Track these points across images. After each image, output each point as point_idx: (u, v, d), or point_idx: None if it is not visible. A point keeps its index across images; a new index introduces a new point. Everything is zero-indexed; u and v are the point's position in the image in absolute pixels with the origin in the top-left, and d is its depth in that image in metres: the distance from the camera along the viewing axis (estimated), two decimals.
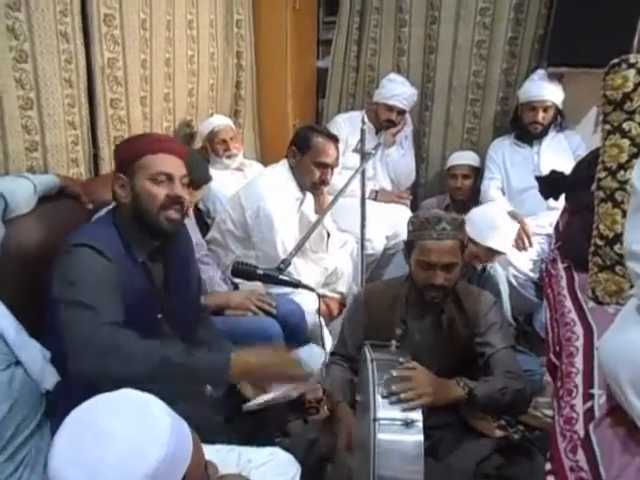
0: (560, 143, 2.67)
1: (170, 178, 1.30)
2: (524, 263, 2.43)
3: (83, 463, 0.68)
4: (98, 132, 2.04)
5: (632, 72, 1.36)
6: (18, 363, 1.18)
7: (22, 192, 1.56)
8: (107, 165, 2.11)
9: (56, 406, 1.20)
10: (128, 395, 0.77)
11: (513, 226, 2.29)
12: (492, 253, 2.09)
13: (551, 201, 2.36)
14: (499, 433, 1.82)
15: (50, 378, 1.23)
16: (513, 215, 2.52)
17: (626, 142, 1.36)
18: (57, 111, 1.81)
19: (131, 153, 1.31)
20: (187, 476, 0.73)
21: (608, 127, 1.41)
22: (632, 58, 1.38)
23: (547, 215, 2.50)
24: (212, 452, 1.06)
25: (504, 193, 2.72)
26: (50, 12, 1.72)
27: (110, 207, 1.44)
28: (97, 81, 1.98)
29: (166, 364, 1.10)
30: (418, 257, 1.47)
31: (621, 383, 0.83)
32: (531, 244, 2.45)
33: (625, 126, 1.37)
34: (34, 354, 1.23)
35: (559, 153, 2.62)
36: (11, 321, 1.23)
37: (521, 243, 2.45)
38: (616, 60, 1.40)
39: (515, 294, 2.43)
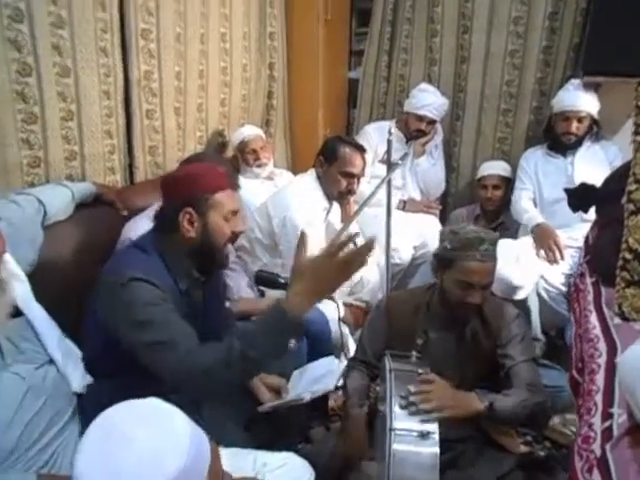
0: (596, 154, 2.60)
1: (235, 214, 1.35)
2: (555, 276, 2.37)
3: (105, 469, 0.70)
4: (134, 142, 2.14)
5: None
6: (52, 362, 1.24)
7: (60, 199, 1.65)
8: (142, 173, 2.20)
9: (85, 405, 1.25)
10: (152, 404, 0.79)
11: (532, 279, 2.29)
12: None
13: (587, 214, 2.30)
14: (524, 449, 1.79)
15: (81, 380, 1.28)
16: (544, 227, 2.48)
17: None
18: (95, 122, 1.91)
19: (202, 190, 1.31)
20: None
21: None
22: None
23: (580, 227, 2.43)
24: (229, 455, 1.09)
25: (536, 204, 2.66)
26: (91, 29, 1.82)
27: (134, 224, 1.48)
28: (133, 93, 2.07)
29: (244, 356, 1.09)
30: (459, 277, 1.45)
31: (638, 399, 0.81)
32: (563, 257, 2.39)
33: None
34: (67, 355, 1.28)
35: (594, 164, 2.55)
36: (47, 322, 1.29)
37: (552, 256, 2.40)
38: None
39: (546, 308, 2.38)
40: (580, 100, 2.51)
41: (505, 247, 2.23)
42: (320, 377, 1.46)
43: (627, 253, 1.35)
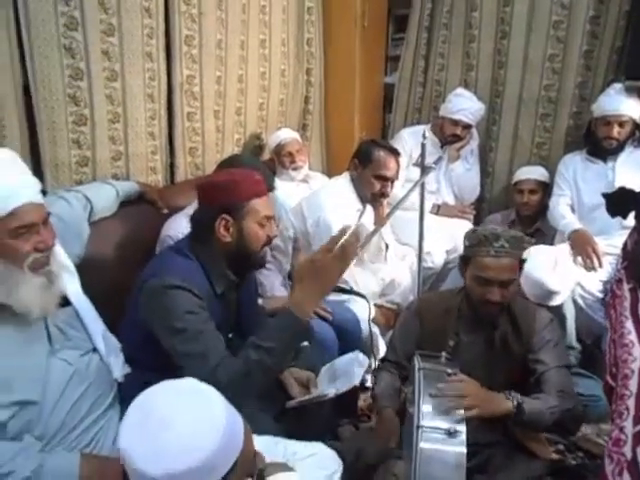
0: (638, 159, 2.54)
1: (270, 219, 1.39)
2: (593, 284, 2.33)
3: (148, 446, 0.75)
4: (175, 143, 2.22)
5: None
6: (95, 350, 1.30)
7: (106, 197, 1.74)
8: (182, 173, 2.28)
9: (124, 392, 1.31)
10: (190, 385, 0.83)
11: (568, 286, 2.23)
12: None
13: (626, 220, 2.25)
14: (554, 456, 1.76)
15: (121, 369, 1.34)
16: (582, 233, 2.43)
17: None
18: (140, 123, 1.99)
19: (239, 197, 1.35)
20: (237, 463, 0.79)
21: None
22: None
23: (620, 234, 2.36)
24: (260, 443, 1.12)
25: (574, 210, 2.62)
26: (138, 35, 1.91)
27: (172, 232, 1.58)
28: (176, 96, 2.16)
29: (261, 365, 1.16)
30: (475, 273, 1.48)
31: None
32: (601, 265, 2.34)
33: None
34: (109, 344, 1.34)
35: (636, 169, 2.49)
36: (92, 313, 1.35)
37: (590, 263, 2.35)
38: None
39: (583, 316, 2.34)
40: (622, 104, 2.46)
41: (542, 252, 2.21)
42: (344, 373, 1.48)
43: None
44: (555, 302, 2.16)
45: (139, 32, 1.92)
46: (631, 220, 2.11)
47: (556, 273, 2.18)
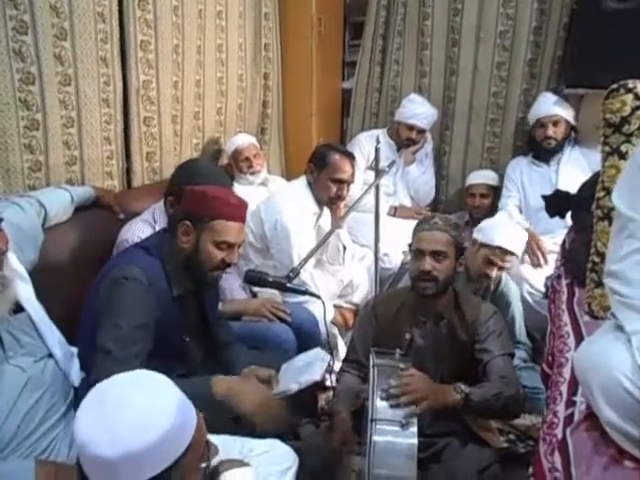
0: (578, 161, 2.70)
1: (231, 246, 1.40)
2: (539, 281, 2.46)
3: (103, 427, 0.78)
4: (131, 147, 2.21)
5: (630, 97, 1.41)
6: (50, 356, 1.29)
7: (60, 202, 1.72)
8: (139, 178, 2.27)
9: (80, 397, 1.30)
10: (143, 374, 0.88)
11: (521, 230, 2.32)
12: (504, 254, 2.13)
13: (568, 220, 2.39)
14: (505, 445, 1.85)
15: (77, 374, 1.35)
16: (528, 232, 2.55)
17: (623, 163, 1.40)
18: (95, 128, 1.98)
19: (206, 211, 1.37)
20: (191, 446, 0.83)
21: (607, 149, 1.46)
22: (630, 83, 1.42)
23: (564, 233, 2.51)
24: (217, 441, 1.14)
25: (521, 211, 2.75)
26: (92, 40, 1.90)
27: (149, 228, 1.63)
28: (132, 101, 2.15)
29: None
30: (414, 247, 1.59)
31: (592, 389, 0.88)
32: (546, 261, 2.47)
33: (623, 148, 1.41)
34: (64, 350, 1.34)
35: (578, 171, 2.64)
36: (46, 319, 1.34)
37: (536, 260, 2.48)
38: (615, 85, 1.45)
39: (531, 312, 2.45)
40: (552, 106, 2.66)
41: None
42: (305, 369, 1.52)
43: (595, 256, 1.43)
44: (510, 244, 2.15)
45: (93, 36, 1.90)
46: (570, 220, 2.25)
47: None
